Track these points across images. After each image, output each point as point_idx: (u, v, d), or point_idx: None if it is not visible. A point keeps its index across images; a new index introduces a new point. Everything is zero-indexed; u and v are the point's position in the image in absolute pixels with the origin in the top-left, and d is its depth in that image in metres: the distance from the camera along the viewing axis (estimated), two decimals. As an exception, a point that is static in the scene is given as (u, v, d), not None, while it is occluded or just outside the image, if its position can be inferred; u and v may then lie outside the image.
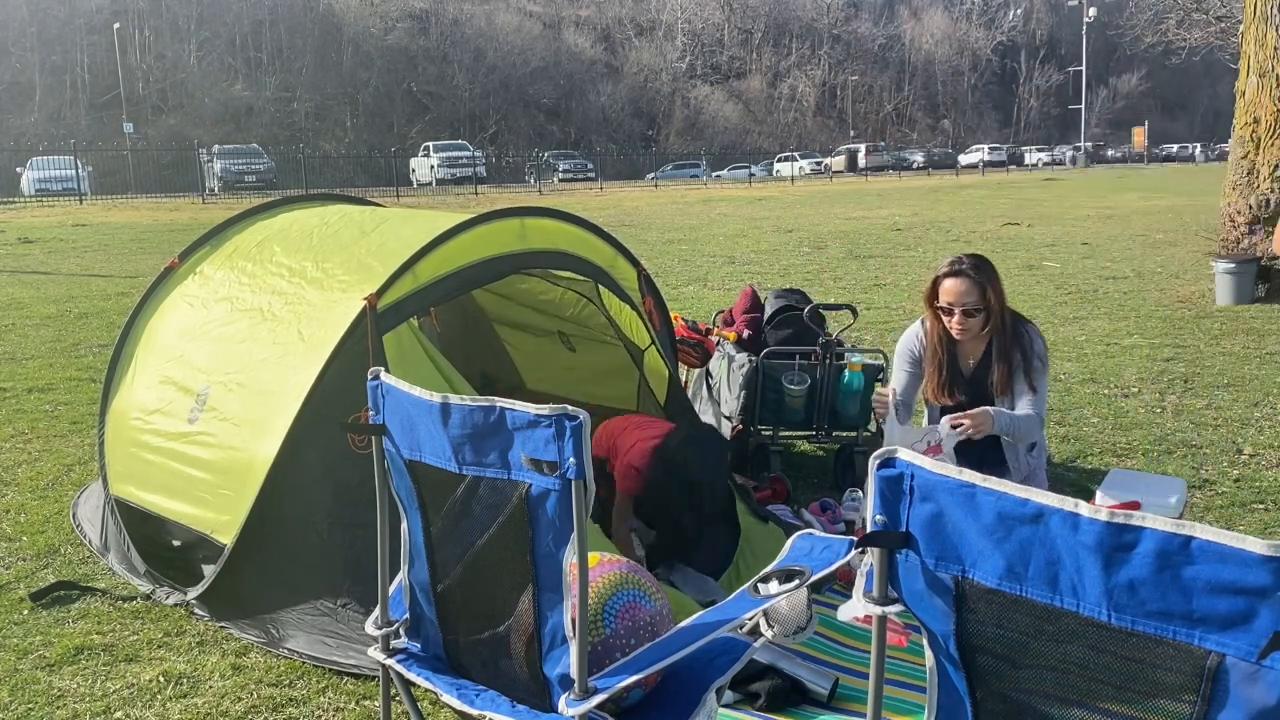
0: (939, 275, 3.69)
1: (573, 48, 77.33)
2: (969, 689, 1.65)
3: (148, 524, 3.91)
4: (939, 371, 3.76)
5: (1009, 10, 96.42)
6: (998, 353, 3.69)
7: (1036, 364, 3.67)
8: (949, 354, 3.76)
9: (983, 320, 3.64)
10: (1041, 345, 3.72)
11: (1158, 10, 33.81)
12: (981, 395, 3.73)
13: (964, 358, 3.79)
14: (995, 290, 3.62)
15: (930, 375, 3.79)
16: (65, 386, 7.28)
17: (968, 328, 3.64)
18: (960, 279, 3.62)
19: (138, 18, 63.38)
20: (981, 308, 3.61)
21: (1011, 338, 3.67)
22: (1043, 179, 41.79)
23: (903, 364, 3.88)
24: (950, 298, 3.63)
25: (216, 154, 39.24)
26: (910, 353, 3.86)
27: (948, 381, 3.76)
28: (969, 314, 3.62)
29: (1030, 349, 3.68)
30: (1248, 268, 9.95)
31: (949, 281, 3.64)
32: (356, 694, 3.12)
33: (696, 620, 2.25)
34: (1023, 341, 3.68)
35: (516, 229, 3.94)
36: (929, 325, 3.79)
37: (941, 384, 3.76)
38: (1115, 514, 1.40)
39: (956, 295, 3.61)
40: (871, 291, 11.35)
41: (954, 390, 3.76)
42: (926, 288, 3.75)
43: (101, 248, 17.50)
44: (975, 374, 3.77)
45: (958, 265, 3.65)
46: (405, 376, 2.39)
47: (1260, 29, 9.95)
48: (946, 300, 3.64)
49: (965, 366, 3.78)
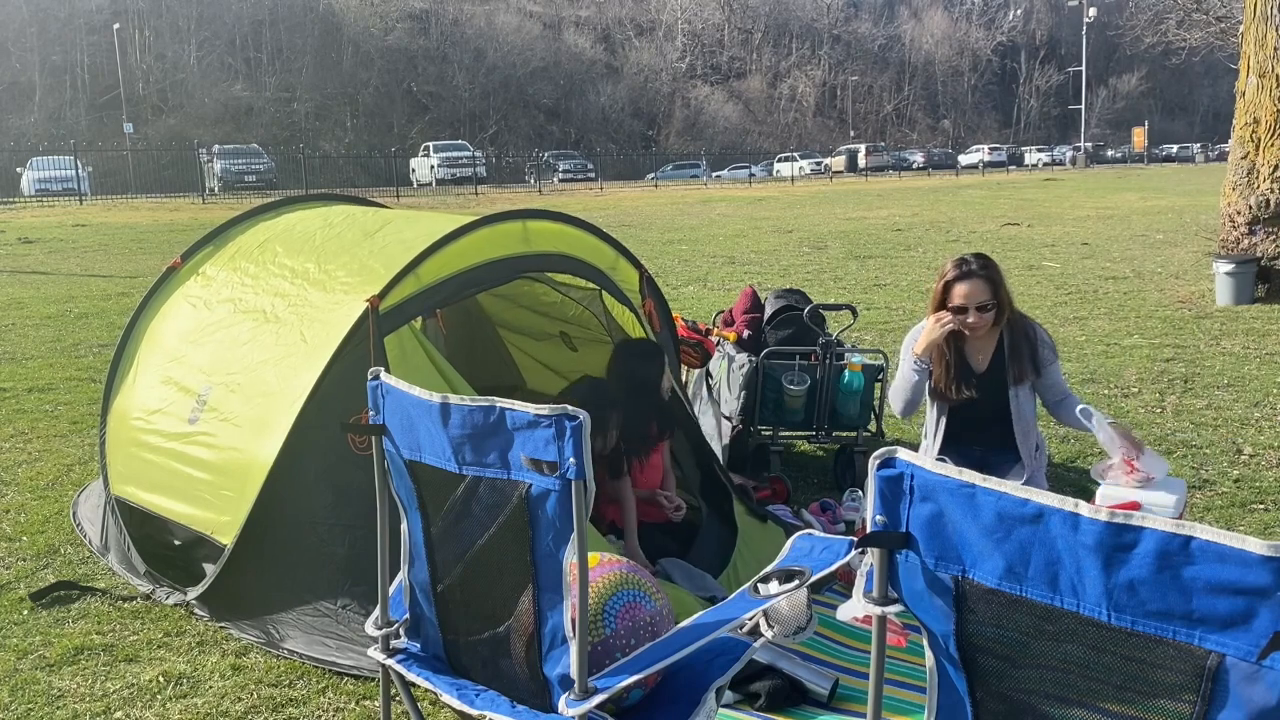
0: (949, 280, 3.71)
1: (573, 48, 77.31)
2: (969, 689, 1.65)
3: (148, 524, 3.91)
4: (947, 370, 3.81)
5: (1009, 10, 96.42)
6: (1010, 347, 3.77)
7: (1045, 352, 3.79)
8: (956, 352, 3.81)
9: (995, 315, 3.71)
10: (1046, 334, 3.84)
11: (1158, 10, 33.85)
12: (991, 389, 3.78)
13: (974, 355, 3.83)
14: (1003, 286, 3.73)
15: (938, 374, 3.83)
16: (65, 386, 7.29)
17: (983, 324, 3.70)
18: (972, 280, 3.67)
19: (138, 18, 63.37)
20: (994, 303, 3.69)
21: (1020, 330, 3.78)
22: (1042, 179, 41.79)
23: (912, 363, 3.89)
24: (964, 299, 3.67)
25: (216, 154, 39.23)
26: None
27: (956, 379, 3.81)
28: (984, 310, 3.68)
29: (1036, 338, 3.79)
30: (1248, 268, 9.95)
31: (962, 285, 3.68)
32: (356, 694, 3.12)
33: (696, 620, 2.26)
34: (1029, 333, 3.79)
35: (519, 231, 3.95)
36: None
37: (950, 381, 3.81)
38: (1115, 514, 1.40)
39: (970, 295, 3.66)
40: (871, 291, 11.35)
41: (962, 387, 3.81)
42: (935, 294, 3.76)
43: (101, 248, 17.51)
44: (986, 369, 3.83)
45: (967, 267, 3.69)
46: (406, 378, 2.39)
47: (1260, 29, 9.95)
48: (960, 301, 3.68)
49: (976, 363, 3.83)
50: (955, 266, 3.72)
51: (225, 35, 66.47)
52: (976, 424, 3.80)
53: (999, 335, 3.79)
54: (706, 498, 4.28)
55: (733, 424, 5.15)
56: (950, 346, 3.79)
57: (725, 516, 4.20)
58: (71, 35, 61.32)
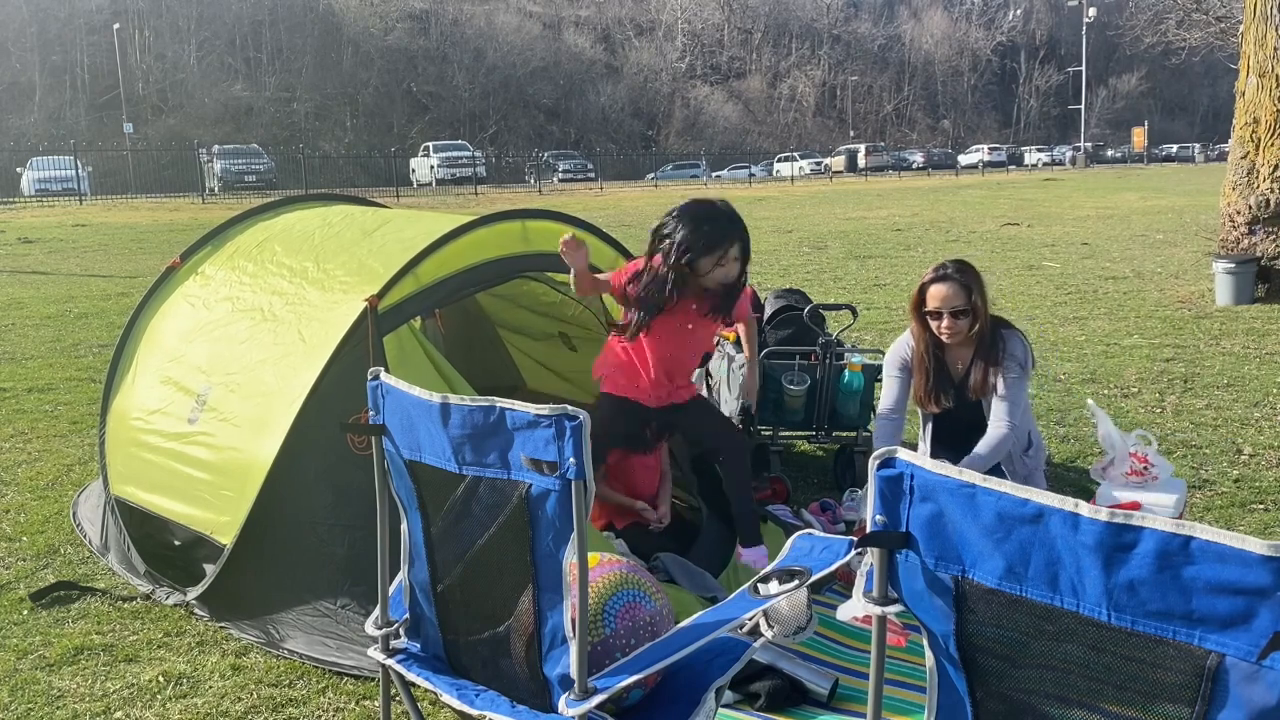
0: (925, 282, 3.79)
1: (572, 48, 77.32)
2: (969, 689, 1.65)
3: (148, 524, 3.91)
4: (926, 378, 3.85)
5: (1009, 10, 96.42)
6: (977, 355, 3.79)
7: (1012, 367, 3.73)
8: (936, 361, 3.85)
9: (970, 322, 3.72)
10: (1021, 351, 3.77)
11: (1158, 10, 33.85)
12: (969, 400, 3.80)
13: (952, 364, 3.86)
14: (979, 292, 3.73)
15: (918, 382, 3.88)
16: (65, 386, 7.28)
17: (957, 330, 3.73)
18: (946, 283, 3.72)
19: (138, 18, 63.39)
20: (968, 309, 3.70)
21: (991, 342, 3.76)
22: (1042, 179, 41.78)
23: (893, 372, 3.97)
24: (938, 302, 3.72)
25: (216, 154, 39.24)
26: (901, 360, 3.95)
27: (935, 388, 3.85)
28: (957, 315, 3.70)
29: (1004, 352, 3.74)
30: (1247, 268, 9.95)
31: (935, 287, 3.74)
32: (356, 694, 3.12)
33: (696, 620, 2.26)
34: (999, 344, 3.76)
35: (518, 231, 3.95)
36: (916, 333, 3.87)
37: (929, 390, 3.86)
38: (1115, 514, 1.40)
39: (944, 299, 3.71)
40: (871, 291, 11.35)
41: (941, 396, 3.85)
42: (913, 296, 3.84)
43: (101, 248, 17.51)
44: (962, 379, 3.84)
45: (942, 271, 3.76)
46: (405, 378, 2.39)
47: (1260, 29, 9.95)
48: (934, 305, 3.73)
49: (955, 372, 3.86)
50: (933, 270, 3.78)
51: (225, 35, 66.48)
52: (957, 433, 3.83)
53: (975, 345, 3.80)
54: (706, 498, 4.28)
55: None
56: (930, 355, 3.82)
57: (725, 517, 4.20)
58: (71, 35, 61.33)
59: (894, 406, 3.95)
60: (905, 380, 3.94)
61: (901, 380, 3.94)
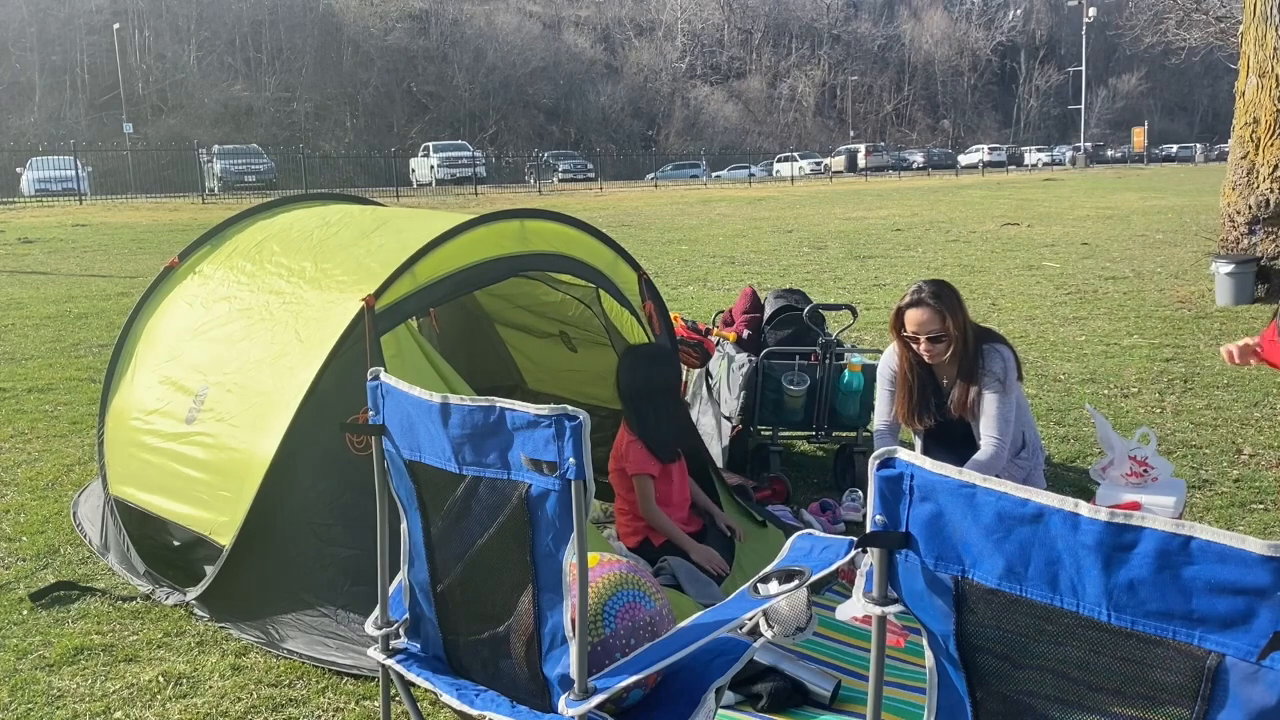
0: (901, 306, 3.75)
1: (572, 48, 77.31)
2: (969, 689, 1.65)
3: (147, 524, 3.91)
4: (909, 397, 3.82)
5: (1009, 10, 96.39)
6: (959, 374, 3.75)
7: (992, 384, 3.68)
8: (919, 380, 3.82)
9: (946, 345, 3.69)
10: (1000, 367, 3.70)
11: (1158, 10, 33.80)
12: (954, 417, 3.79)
13: (941, 376, 3.84)
14: (955, 316, 3.66)
15: (900, 402, 3.85)
16: (65, 386, 7.28)
17: (935, 353, 3.71)
18: (920, 308, 3.68)
19: (138, 18, 63.35)
20: (944, 334, 3.66)
21: (973, 359, 3.72)
22: (1042, 179, 41.79)
23: (885, 385, 3.95)
24: (914, 327, 3.70)
25: (216, 154, 39.21)
26: (892, 372, 3.92)
27: (917, 407, 3.82)
28: (934, 340, 3.68)
29: (984, 369, 3.70)
30: (1247, 268, 9.95)
31: (910, 312, 3.71)
32: (356, 694, 3.12)
33: (696, 620, 2.25)
34: (980, 364, 3.72)
35: (517, 231, 3.94)
36: (899, 352, 3.85)
37: (911, 409, 3.83)
38: (1115, 514, 1.40)
39: (919, 324, 3.68)
40: (871, 291, 11.35)
41: (924, 415, 3.82)
42: (892, 317, 3.80)
43: (101, 248, 17.50)
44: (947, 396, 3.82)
45: (918, 294, 3.71)
46: (403, 377, 2.38)
47: (1260, 29, 9.95)
48: (911, 330, 3.71)
49: (944, 387, 3.84)
50: (909, 293, 3.73)
51: (225, 35, 66.45)
52: (949, 444, 3.81)
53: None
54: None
55: (732, 424, 5.15)
56: (914, 373, 3.80)
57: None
58: (71, 35, 61.30)
59: (890, 420, 3.95)
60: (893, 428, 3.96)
61: (894, 393, 3.93)
